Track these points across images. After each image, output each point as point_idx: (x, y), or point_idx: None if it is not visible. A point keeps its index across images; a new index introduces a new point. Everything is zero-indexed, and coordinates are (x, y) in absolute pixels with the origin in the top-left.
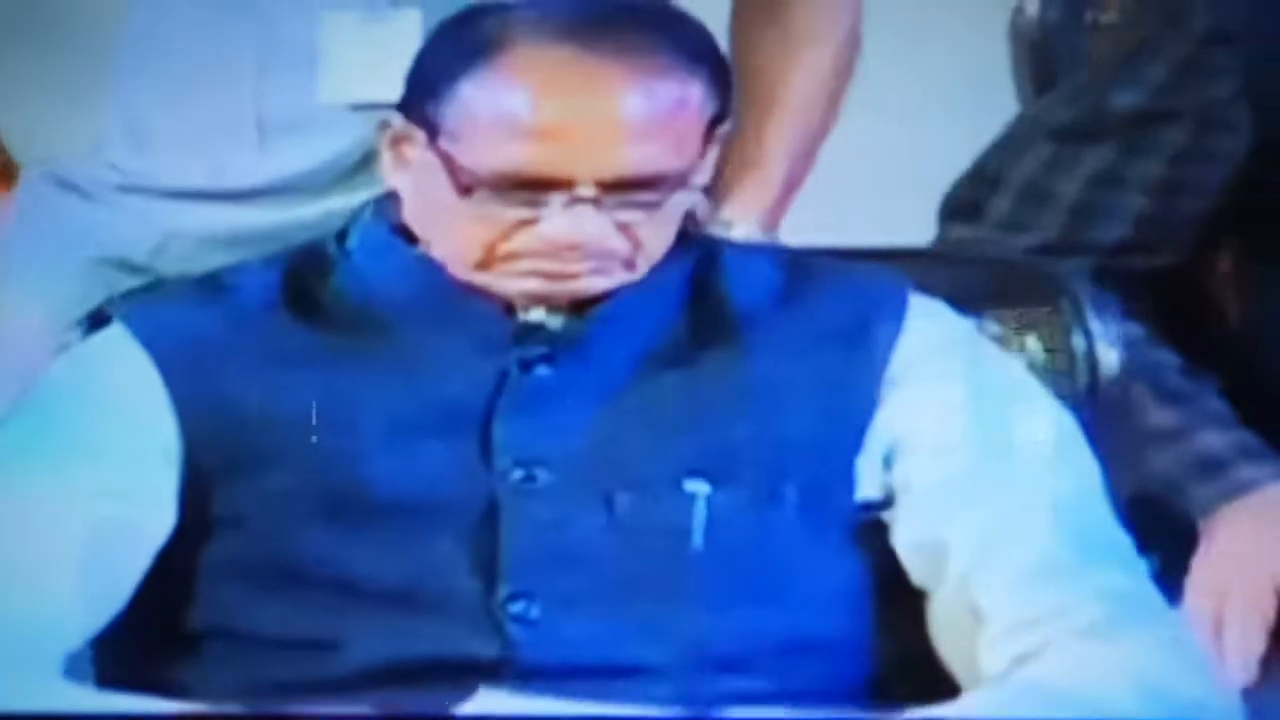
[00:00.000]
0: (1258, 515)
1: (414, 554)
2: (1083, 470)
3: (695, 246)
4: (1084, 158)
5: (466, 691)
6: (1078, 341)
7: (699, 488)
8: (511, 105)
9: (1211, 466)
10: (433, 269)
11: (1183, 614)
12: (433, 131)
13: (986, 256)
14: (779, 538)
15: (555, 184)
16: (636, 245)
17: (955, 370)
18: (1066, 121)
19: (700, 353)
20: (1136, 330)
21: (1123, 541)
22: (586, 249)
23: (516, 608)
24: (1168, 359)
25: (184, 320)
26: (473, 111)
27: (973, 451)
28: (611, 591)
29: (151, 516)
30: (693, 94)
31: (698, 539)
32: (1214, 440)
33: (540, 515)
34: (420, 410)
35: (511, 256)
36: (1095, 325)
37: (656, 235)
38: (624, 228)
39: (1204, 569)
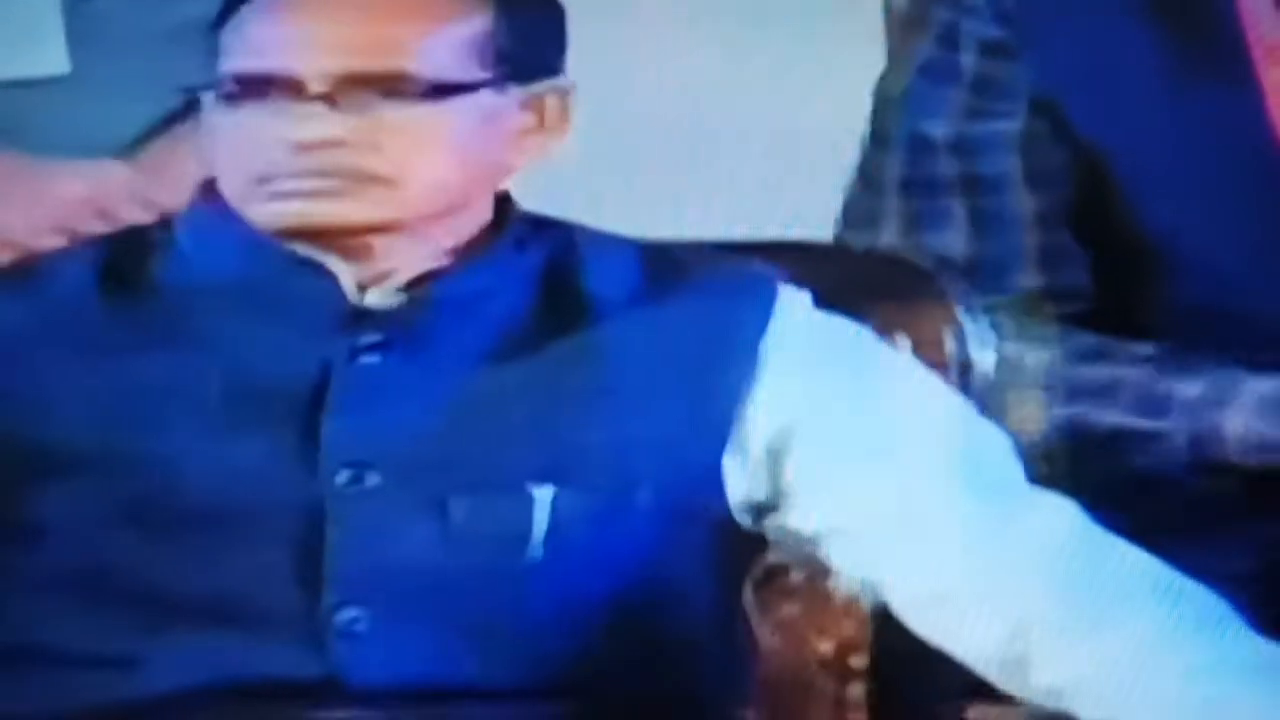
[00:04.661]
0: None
1: (230, 563)
2: (985, 443)
3: (552, 232)
4: (947, 210)
5: (288, 716)
6: (949, 342)
7: (541, 492)
8: (261, 11)
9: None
10: (261, 247)
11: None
12: (210, 75)
13: (861, 252)
14: (630, 545)
15: (284, 83)
16: (394, 168)
17: (835, 361)
18: (901, 174)
19: (551, 347)
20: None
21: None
22: (327, 158)
23: (341, 621)
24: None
25: None
26: (235, 30)
27: (854, 450)
28: (445, 605)
29: None
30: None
31: (537, 548)
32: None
33: (369, 521)
34: (241, 404)
35: (265, 179)
36: (969, 326)
37: (419, 158)
38: (378, 147)
39: None
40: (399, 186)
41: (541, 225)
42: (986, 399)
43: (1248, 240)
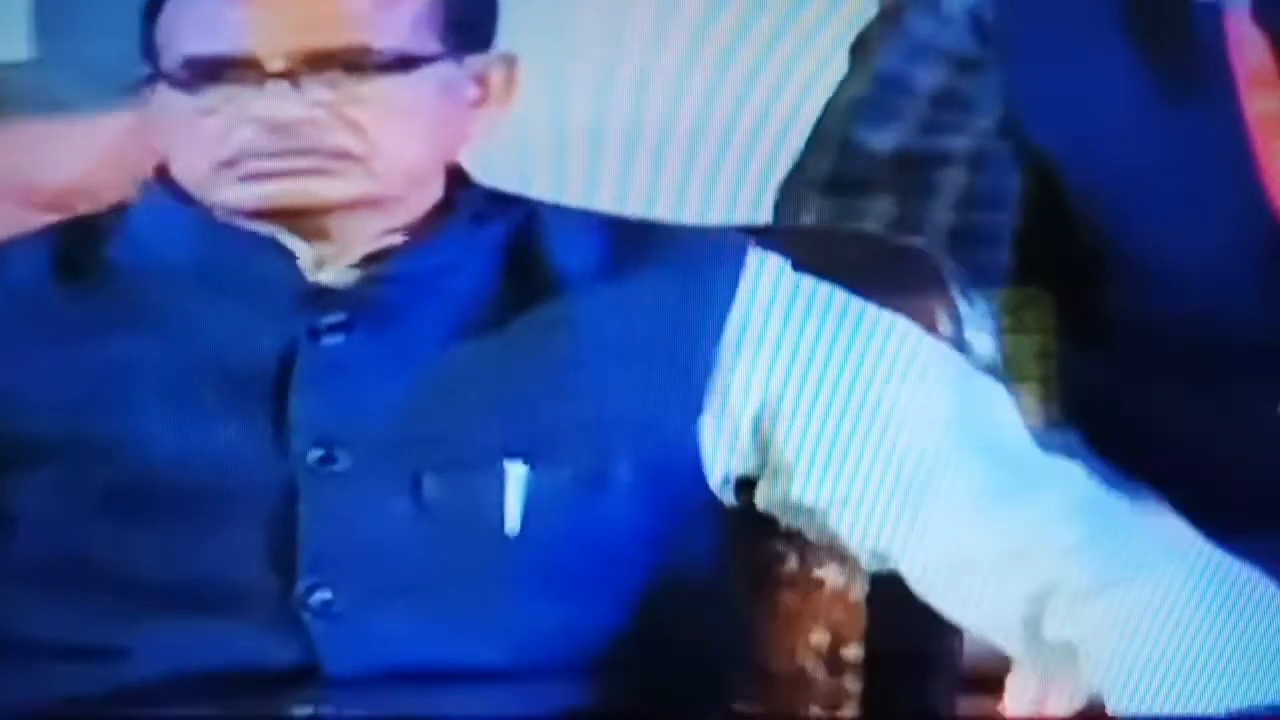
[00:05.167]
0: None
1: (204, 547)
2: (991, 402)
3: (513, 207)
4: (864, 210)
5: (270, 705)
6: (944, 325)
7: (515, 469)
8: None
9: None
10: (217, 228)
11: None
12: (154, 60)
13: (853, 233)
14: (609, 521)
15: (247, 66)
16: (366, 143)
17: (820, 326)
18: (829, 172)
19: (518, 322)
20: None
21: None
22: (297, 137)
23: (316, 603)
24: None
25: None
26: (179, 14)
27: (852, 416)
28: (422, 583)
29: None
30: None
31: (513, 524)
32: None
33: (341, 500)
34: (206, 386)
35: (232, 163)
36: (964, 308)
37: (392, 132)
38: (349, 122)
39: None
40: (371, 162)
41: (501, 200)
42: None
43: (1226, 263)
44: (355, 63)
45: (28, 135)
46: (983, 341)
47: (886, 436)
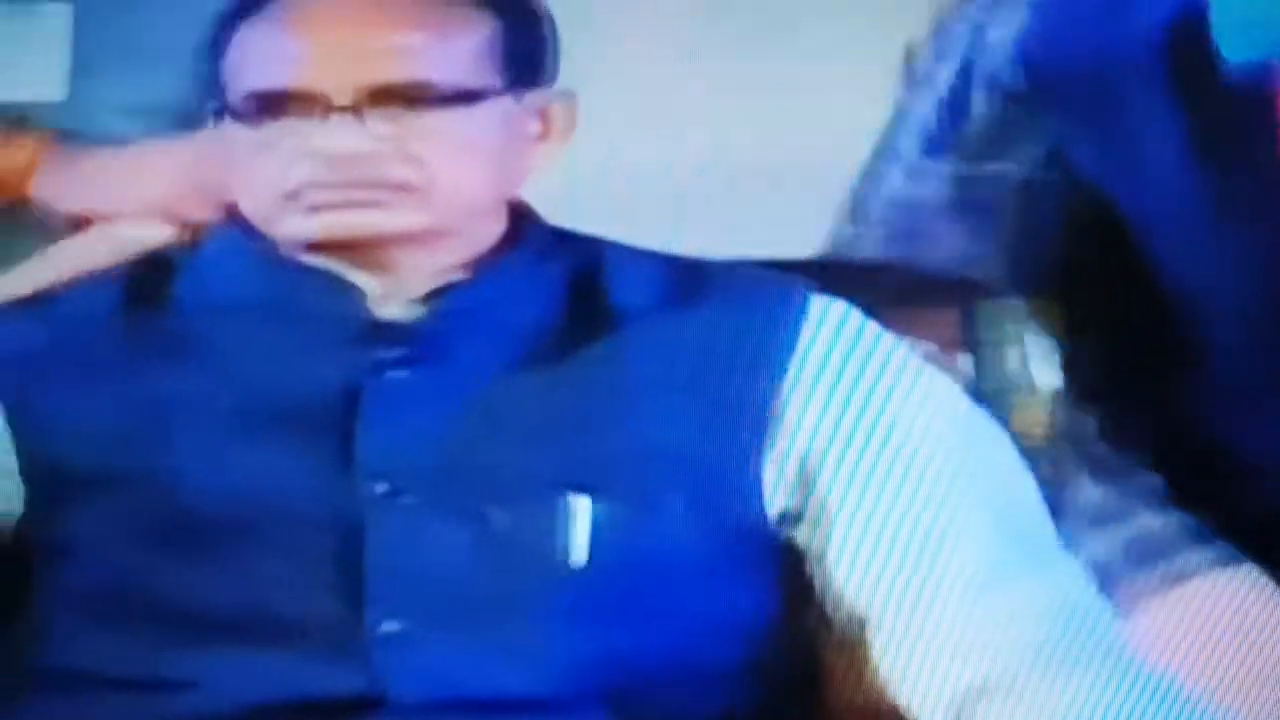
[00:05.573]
0: (1191, 609)
1: (268, 578)
2: (1014, 487)
3: (576, 244)
4: (929, 230)
5: None
6: (1011, 360)
7: (578, 501)
8: (270, 28)
9: (1150, 552)
10: (283, 263)
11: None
12: (219, 96)
13: (910, 268)
14: (666, 553)
15: (310, 99)
16: (426, 176)
17: (868, 379)
18: (898, 189)
19: (578, 356)
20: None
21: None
22: (358, 169)
23: (384, 634)
24: (1089, 425)
25: (12, 334)
26: (243, 49)
27: (893, 479)
28: (485, 614)
29: None
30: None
31: (579, 555)
32: (1152, 522)
33: (408, 533)
34: (270, 420)
35: (294, 195)
36: (1030, 344)
37: (452, 165)
38: (410, 155)
39: None
40: (430, 194)
41: (565, 237)
42: (997, 402)
43: (1266, 307)
44: (416, 97)
45: (99, 162)
46: (1046, 375)
47: (912, 498)
